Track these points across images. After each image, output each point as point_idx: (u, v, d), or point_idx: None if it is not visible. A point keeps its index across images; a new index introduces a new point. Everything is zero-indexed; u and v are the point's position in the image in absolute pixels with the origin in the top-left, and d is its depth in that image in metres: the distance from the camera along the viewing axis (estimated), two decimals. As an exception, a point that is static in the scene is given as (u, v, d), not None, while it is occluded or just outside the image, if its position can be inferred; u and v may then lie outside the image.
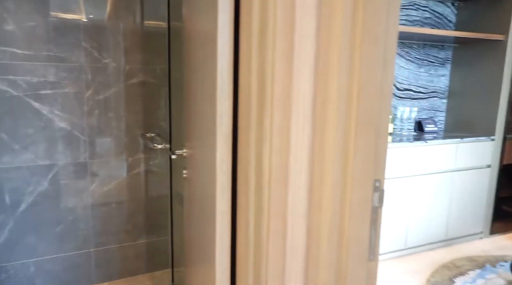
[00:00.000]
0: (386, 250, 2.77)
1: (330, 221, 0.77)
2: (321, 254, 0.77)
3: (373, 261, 0.84)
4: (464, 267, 2.62)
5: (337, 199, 0.76)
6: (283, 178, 0.74)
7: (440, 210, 2.93)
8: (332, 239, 0.78)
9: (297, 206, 0.75)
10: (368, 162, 0.78)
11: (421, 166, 2.78)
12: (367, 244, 0.81)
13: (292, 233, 0.76)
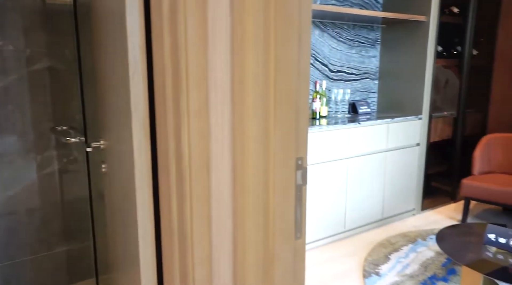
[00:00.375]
0: (326, 235, 2.96)
1: (254, 202, 0.82)
2: (248, 235, 0.83)
3: (300, 239, 0.91)
4: (398, 243, 2.91)
5: (260, 179, 0.82)
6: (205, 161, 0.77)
7: (375, 191, 3.20)
8: (258, 220, 0.83)
9: (221, 189, 0.79)
10: (289, 140, 0.84)
11: (355, 147, 3.00)
12: (293, 222, 0.89)
13: (217, 217, 0.80)
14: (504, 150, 3.49)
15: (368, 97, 3.78)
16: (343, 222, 3.05)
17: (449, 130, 3.76)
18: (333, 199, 2.95)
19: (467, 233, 2.28)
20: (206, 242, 0.80)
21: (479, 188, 3.14)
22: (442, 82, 3.64)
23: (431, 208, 3.69)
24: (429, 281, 2.37)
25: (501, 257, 1.98)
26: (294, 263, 0.92)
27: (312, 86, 3.37)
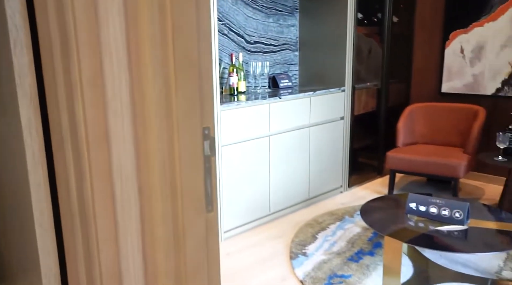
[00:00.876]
0: (251, 219, 3.15)
1: (160, 175, 0.91)
2: (156, 210, 0.92)
3: (212, 211, 1.03)
4: (325, 222, 3.20)
5: (165, 150, 0.91)
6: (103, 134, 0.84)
7: (300, 170, 3.46)
8: (166, 193, 0.93)
9: (123, 163, 0.86)
10: (193, 109, 0.94)
11: (277, 123, 3.20)
12: (203, 195, 1.00)
13: (121, 193, 0.87)
14: (427, 119, 3.98)
15: (289, 70, 4.01)
16: (268, 205, 3.26)
17: (373, 102, 4.16)
18: (256, 180, 3.13)
19: (390, 205, 2.60)
20: (110, 220, 0.87)
21: (403, 159, 3.56)
22: (365, 52, 3.99)
23: (359, 184, 4.08)
24: (356, 256, 2.67)
25: (422, 225, 2.32)
26: (207, 236, 1.04)
27: (228, 60, 3.48)
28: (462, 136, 3.78)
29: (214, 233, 1.05)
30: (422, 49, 4.35)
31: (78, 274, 0.90)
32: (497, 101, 3.88)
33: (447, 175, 3.37)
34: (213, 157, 1.01)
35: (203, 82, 0.95)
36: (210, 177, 1.01)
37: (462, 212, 2.28)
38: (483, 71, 3.92)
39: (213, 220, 1.04)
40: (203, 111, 0.97)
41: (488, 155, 3.38)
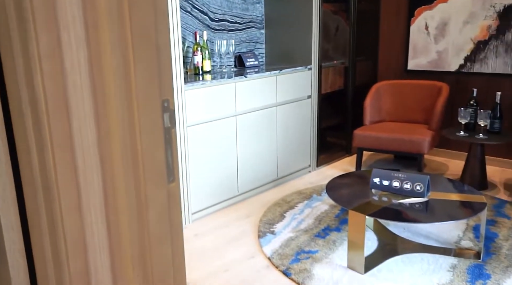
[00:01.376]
0: (220, 200, 3.24)
1: (121, 146, 0.97)
2: (118, 180, 0.98)
3: (174, 182, 1.10)
4: (293, 201, 3.33)
5: (125, 122, 0.97)
6: (63, 105, 0.89)
7: (268, 150, 3.56)
8: (127, 164, 0.99)
9: (84, 134, 0.92)
10: (152, 82, 1.01)
11: (243, 103, 3.28)
12: (164, 166, 1.07)
13: (84, 164, 0.94)
14: (393, 97, 4.15)
15: (255, 48, 4.08)
16: (236, 185, 3.36)
17: (341, 80, 4.29)
18: (223, 161, 3.21)
19: (355, 181, 2.74)
20: (73, 191, 0.94)
21: (370, 137, 3.71)
22: (332, 29, 4.10)
23: (327, 163, 4.24)
24: (322, 232, 2.81)
25: (385, 199, 2.47)
26: (169, 206, 1.12)
27: (192, 38, 3.52)
28: (427, 113, 3.97)
29: (176, 203, 1.13)
30: (388, 26, 4.49)
31: (43, 246, 0.97)
32: (460, 78, 4.08)
33: (412, 151, 3.55)
34: (173, 129, 1.08)
35: (161, 56, 1.02)
36: (171, 148, 1.08)
37: (422, 185, 2.45)
38: (447, 48, 4.11)
39: (175, 190, 1.12)
40: (162, 85, 1.04)
41: (450, 131, 3.58)
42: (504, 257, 2.46)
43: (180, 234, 1.16)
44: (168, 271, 1.17)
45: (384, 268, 2.39)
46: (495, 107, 3.42)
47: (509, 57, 3.77)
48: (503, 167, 3.97)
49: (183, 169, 2.94)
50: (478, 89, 3.98)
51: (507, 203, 3.17)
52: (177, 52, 2.80)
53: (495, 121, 3.43)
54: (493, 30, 3.82)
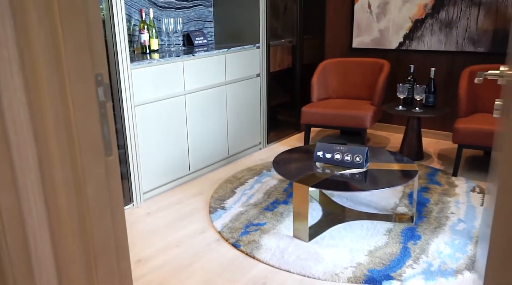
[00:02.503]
0: (171, 179, 3.25)
1: (55, 120, 0.98)
2: (53, 155, 0.99)
3: (111, 156, 1.12)
4: (244, 177, 3.40)
5: (57, 97, 0.97)
6: (-9, 82, 0.88)
7: (218, 128, 3.59)
8: (62, 138, 1.00)
9: (16, 110, 0.92)
10: (84, 56, 1.01)
11: (192, 82, 3.28)
12: (100, 139, 1.08)
13: (16, 138, 0.93)
14: (339, 74, 4.26)
15: (204, 27, 4.05)
16: (187, 164, 3.37)
17: (289, 59, 4.35)
18: (173, 140, 3.21)
19: (301, 155, 2.83)
20: (7, 165, 0.93)
21: (317, 114, 3.82)
22: (280, 8, 4.13)
23: (277, 140, 4.32)
24: (271, 205, 2.90)
25: (328, 171, 2.57)
26: (108, 180, 1.13)
27: (138, 16, 3.44)
28: (370, 89, 4.12)
29: (115, 176, 1.14)
30: (334, 5, 4.57)
31: (-22, 222, 0.96)
32: (400, 55, 4.25)
33: (356, 126, 3.69)
34: (108, 103, 1.09)
35: (92, 29, 1.02)
36: (107, 122, 1.09)
37: (361, 156, 2.57)
38: (388, 27, 4.25)
39: (113, 164, 1.13)
40: (94, 58, 1.04)
41: (390, 106, 3.74)
42: (433, 219, 2.64)
43: (120, 207, 1.18)
44: (110, 244, 1.20)
45: (327, 235, 2.51)
46: (430, 83, 3.60)
47: (443, 34, 3.96)
48: (437, 138, 4.21)
49: (133, 148, 2.92)
50: (416, 65, 4.17)
51: (439, 171, 3.38)
52: (122, 30, 2.75)
53: (429, 95, 3.61)
54: (429, 9, 3.99)
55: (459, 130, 3.17)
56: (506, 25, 3.66)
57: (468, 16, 3.81)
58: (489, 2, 3.69)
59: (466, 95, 3.42)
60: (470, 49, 3.86)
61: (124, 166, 2.92)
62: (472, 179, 3.27)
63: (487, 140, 3.08)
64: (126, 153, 2.90)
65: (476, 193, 2.98)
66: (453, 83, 4.02)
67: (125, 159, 2.92)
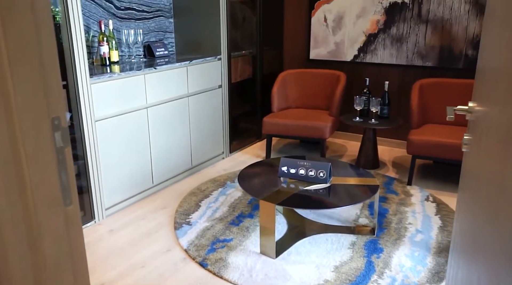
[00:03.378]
0: (134, 192, 3.04)
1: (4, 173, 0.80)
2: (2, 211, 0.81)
3: (71, 205, 0.95)
4: (208, 189, 3.24)
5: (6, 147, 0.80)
6: None
7: (181, 139, 3.41)
8: (13, 192, 0.82)
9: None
10: (37, 100, 0.84)
11: (154, 94, 3.08)
12: (58, 189, 0.91)
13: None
14: (298, 85, 4.18)
15: (164, 38, 3.84)
16: (150, 177, 3.17)
17: (250, 69, 4.22)
18: (136, 154, 3.01)
19: (265, 170, 2.72)
20: None
21: (278, 124, 3.72)
22: (240, 19, 3.99)
23: (240, 149, 4.19)
24: (236, 220, 2.77)
25: (293, 186, 2.47)
26: (68, 232, 0.96)
27: (97, 27, 3.20)
28: (328, 99, 4.07)
29: (76, 226, 0.97)
30: (292, 18, 4.50)
31: None
32: (355, 67, 4.23)
33: (316, 136, 3.63)
34: (67, 148, 0.92)
35: (47, 69, 0.84)
36: (65, 169, 0.92)
37: (325, 172, 2.49)
38: (343, 40, 4.22)
39: (74, 214, 0.96)
40: (50, 101, 0.86)
41: (348, 117, 3.71)
42: (393, 231, 2.61)
43: (83, 258, 1.01)
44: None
45: (293, 251, 2.41)
46: (384, 95, 3.59)
47: (394, 49, 3.97)
48: (391, 146, 4.23)
49: (93, 164, 2.69)
50: (370, 78, 4.16)
51: (395, 180, 3.38)
52: (80, 43, 2.52)
53: (384, 107, 3.61)
54: (381, 24, 3.99)
55: (413, 142, 3.17)
56: (451, 42, 3.71)
57: (417, 33, 3.84)
58: (435, 20, 3.74)
59: (417, 108, 3.44)
60: (419, 64, 3.89)
61: (84, 181, 2.69)
62: (425, 187, 3.28)
63: (438, 151, 3.10)
64: (86, 169, 2.67)
65: (430, 202, 2.99)
66: (404, 94, 4.05)
67: (85, 175, 2.69)
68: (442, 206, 2.92)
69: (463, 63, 3.70)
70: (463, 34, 3.65)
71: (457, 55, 3.71)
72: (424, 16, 3.78)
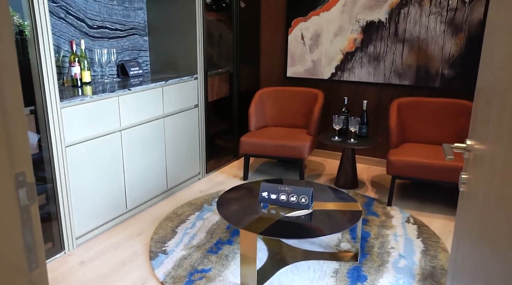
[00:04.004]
0: (108, 219, 2.91)
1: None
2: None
3: (37, 268, 0.86)
4: (184, 214, 3.14)
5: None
6: None
7: (157, 161, 3.30)
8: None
9: None
10: (-2, 157, 0.75)
11: (128, 116, 2.97)
12: (23, 252, 0.82)
13: None
14: (275, 103, 4.15)
15: (139, 56, 3.75)
16: (124, 202, 3.05)
17: (226, 87, 4.17)
18: (109, 179, 2.88)
19: (244, 194, 2.65)
20: None
21: (255, 144, 3.66)
22: (216, 37, 3.94)
23: (216, 168, 4.11)
24: (215, 247, 2.68)
25: (274, 212, 2.41)
26: (34, 298, 0.86)
27: (68, 47, 3.08)
28: (306, 118, 4.05)
29: (43, 290, 0.88)
30: (269, 35, 4.48)
31: None
32: (333, 85, 4.24)
33: (294, 156, 3.59)
34: (33, 205, 0.83)
35: (9, 118, 0.76)
36: (31, 229, 0.83)
37: (307, 197, 2.44)
38: (320, 58, 4.22)
39: (41, 277, 0.87)
40: (13, 155, 0.78)
41: (326, 136, 3.69)
42: (376, 256, 2.57)
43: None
44: None
45: (275, 281, 2.33)
46: (362, 114, 3.59)
47: (371, 67, 4.00)
48: (369, 164, 4.24)
49: (63, 191, 2.56)
50: (348, 96, 4.17)
51: (375, 200, 3.37)
52: (50, 65, 2.40)
53: (362, 127, 3.61)
54: (358, 43, 4.01)
55: (393, 162, 3.17)
56: (427, 61, 3.76)
57: (394, 51, 3.88)
58: (412, 39, 3.79)
59: (396, 128, 3.45)
60: (396, 82, 3.93)
61: (53, 208, 2.55)
62: (405, 208, 3.28)
63: (418, 172, 3.11)
64: (55, 196, 2.54)
65: (411, 224, 2.98)
66: (382, 112, 4.07)
67: (54, 202, 2.55)
68: (423, 228, 2.92)
69: (440, 82, 3.75)
70: (439, 54, 3.71)
71: (433, 74, 3.77)
72: (400, 35, 3.82)
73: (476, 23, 3.53)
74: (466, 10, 3.54)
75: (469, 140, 1.24)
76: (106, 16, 3.36)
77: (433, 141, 3.54)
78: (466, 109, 3.41)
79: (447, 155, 1.23)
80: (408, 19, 3.76)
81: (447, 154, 1.23)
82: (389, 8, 3.81)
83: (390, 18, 3.83)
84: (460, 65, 3.65)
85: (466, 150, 1.23)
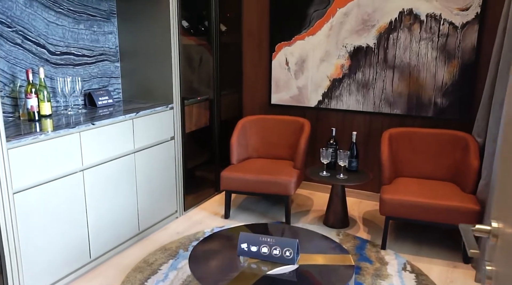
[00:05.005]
0: (67, 272, 2.55)
1: None
2: None
3: None
4: (157, 262, 2.79)
5: None
6: None
7: (126, 202, 2.96)
8: None
9: None
10: None
11: (92, 154, 2.64)
12: None
13: None
14: (259, 132, 3.86)
15: (109, 84, 3.43)
16: (87, 250, 2.69)
17: (206, 116, 3.87)
18: (69, 225, 2.53)
19: (221, 245, 2.32)
20: None
21: (237, 180, 3.35)
22: (195, 63, 3.66)
23: (196, 204, 3.77)
24: (188, 305, 2.33)
25: (255, 267, 2.09)
26: None
27: (24, 76, 2.75)
28: (291, 149, 3.76)
29: None
30: (251, 60, 4.21)
31: None
32: (320, 113, 3.97)
33: (279, 193, 3.28)
34: None
35: None
36: None
37: (292, 250, 2.12)
38: (306, 84, 3.96)
39: None
40: None
41: (314, 170, 3.40)
42: (373, 315, 2.25)
43: None
44: None
45: None
46: (352, 147, 3.32)
47: (360, 95, 3.75)
48: (360, 198, 3.95)
49: (10, 245, 2.20)
50: (336, 125, 3.90)
51: (368, 243, 3.06)
52: (-6, 103, 2.07)
53: (352, 160, 3.33)
54: (346, 69, 3.77)
55: (386, 201, 2.87)
56: (419, 89, 3.52)
57: (384, 78, 3.64)
58: (402, 66, 3.55)
59: (388, 162, 3.17)
60: (387, 111, 3.67)
61: (-1, 269, 2.19)
62: (400, 251, 2.97)
63: (415, 213, 2.82)
64: (1, 250, 2.17)
65: (408, 272, 2.67)
66: (372, 143, 3.80)
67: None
68: (422, 277, 2.62)
69: (433, 111, 3.51)
70: (431, 81, 3.48)
71: (426, 103, 3.53)
72: (390, 62, 3.59)
73: (469, 49, 3.32)
74: (458, 36, 3.33)
75: (494, 221, 0.95)
76: (72, 41, 3.05)
77: (428, 175, 3.27)
78: (461, 141, 3.16)
79: (470, 248, 0.93)
80: (398, 45, 3.53)
81: (470, 245, 0.93)
82: (377, 33, 3.59)
83: (378, 44, 3.60)
84: (454, 93, 3.42)
85: (492, 234, 0.93)
